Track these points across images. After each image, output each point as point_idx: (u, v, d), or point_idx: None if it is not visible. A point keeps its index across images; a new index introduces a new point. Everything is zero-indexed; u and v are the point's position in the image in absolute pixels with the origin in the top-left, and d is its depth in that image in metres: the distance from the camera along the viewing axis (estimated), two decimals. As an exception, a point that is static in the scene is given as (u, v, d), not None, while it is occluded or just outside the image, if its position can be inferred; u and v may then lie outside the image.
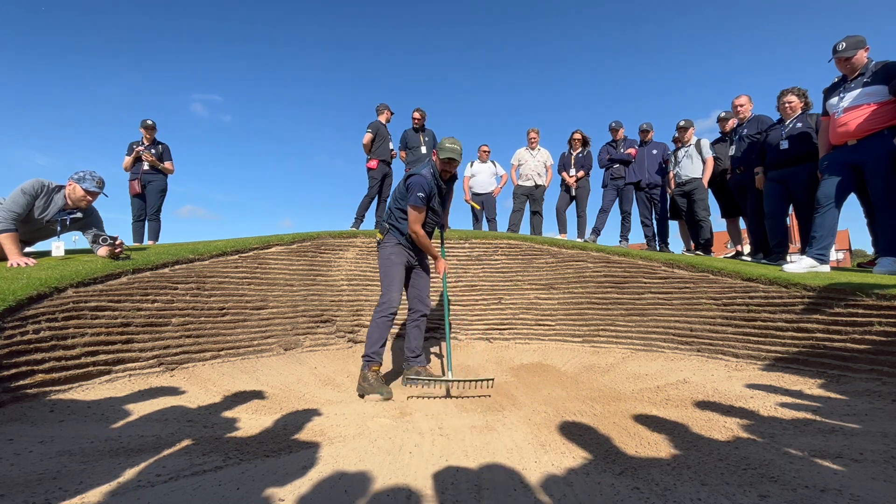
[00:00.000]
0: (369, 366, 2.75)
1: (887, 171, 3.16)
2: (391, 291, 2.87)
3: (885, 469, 1.35)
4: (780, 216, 4.28)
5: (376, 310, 2.85)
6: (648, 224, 5.86)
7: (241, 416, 2.14)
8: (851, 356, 2.33)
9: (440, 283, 4.53)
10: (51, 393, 2.14)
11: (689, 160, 5.34)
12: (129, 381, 2.51)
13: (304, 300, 4.01)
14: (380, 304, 2.86)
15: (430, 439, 1.87)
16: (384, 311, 2.82)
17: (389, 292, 2.87)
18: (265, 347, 3.46)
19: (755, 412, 1.99)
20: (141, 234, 5.74)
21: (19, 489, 1.29)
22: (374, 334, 2.80)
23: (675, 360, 3.09)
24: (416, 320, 3.08)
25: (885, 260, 3.26)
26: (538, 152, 6.68)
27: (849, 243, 39.82)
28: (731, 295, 3.20)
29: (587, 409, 2.27)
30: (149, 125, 5.72)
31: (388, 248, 2.98)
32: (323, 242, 4.76)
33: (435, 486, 1.41)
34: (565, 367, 3.32)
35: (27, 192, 3.17)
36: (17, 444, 1.59)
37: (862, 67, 3.31)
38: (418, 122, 6.28)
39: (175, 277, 3.27)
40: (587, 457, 1.63)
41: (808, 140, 3.98)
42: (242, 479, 1.43)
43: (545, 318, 4.12)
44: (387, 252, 2.98)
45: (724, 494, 1.28)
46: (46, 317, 2.34)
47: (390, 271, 2.92)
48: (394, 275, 2.91)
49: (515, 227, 6.59)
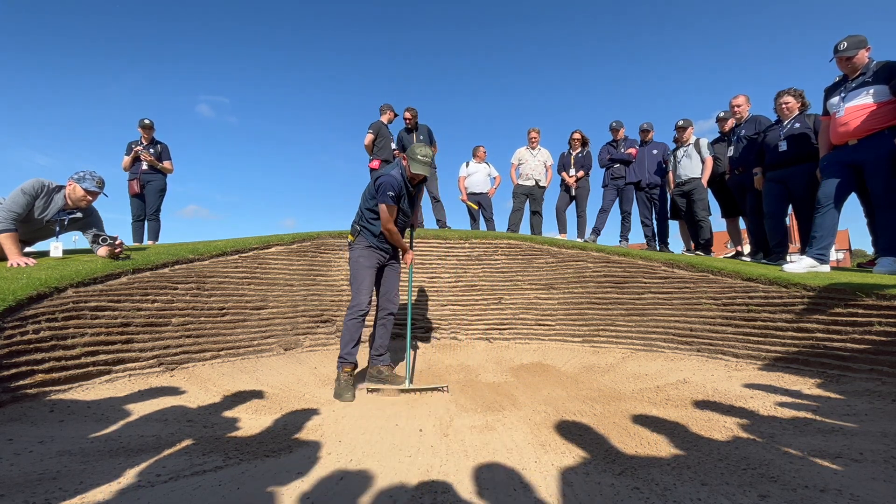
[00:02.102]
0: (342, 367, 2.80)
1: (887, 171, 3.16)
2: (360, 294, 2.91)
3: (885, 469, 1.35)
4: (779, 216, 4.28)
5: (347, 312, 2.90)
6: (648, 224, 5.86)
7: (241, 416, 2.14)
8: (851, 356, 2.33)
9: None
10: (51, 393, 2.14)
11: (688, 160, 5.34)
12: (129, 381, 2.51)
13: (304, 300, 4.01)
14: (350, 307, 2.90)
15: (430, 439, 1.87)
16: (354, 314, 2.86)
17: (359, 295, 2.91)
18: (265, 347, 3.47)
19: (755, 412, 1.99)
20: (140, 234, 5.73)
21: (19, 489, 1.29)
22: (346, 336, 2.84)
23: (675, 360, 3.09)
24: (383, 319, 3.13)
25: (885, 260, 3.25)
26: (538, 152, 6.68)
27: (849, 243, 39.83)
28: (731, 295, 3.20)
29: (587, 409, 2.27)
30: (146, 124, 5.71)
31: (357, 251, 3.02)
32: (323, 242, 4.76)
33: (435, 486, 1.41)
34: (565, 367, 3.32)
35: (27, 192, 3.16)
36: (17, 444, 1.59)
37: (863, 67, 3.31)
38: (410, 122, 6.28)
39: (175, 277, 3.26)
40: (587, 457, 1.63)
41: (806, 140, 3.98)
42: (243, 479, 1.44)
43: (545, 318, 4.12)
44: (356, 254, 3.02)
45: (724, 494, 1.28)
46: (46, 317, 2.34)
47: (359, 274, 2.96)
48: (363, 277, 2.95)
49: (515, 227, 6.59)
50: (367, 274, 2.97)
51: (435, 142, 6.54)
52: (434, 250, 4.96)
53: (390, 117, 6.34)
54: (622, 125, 6.14)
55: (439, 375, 3.32)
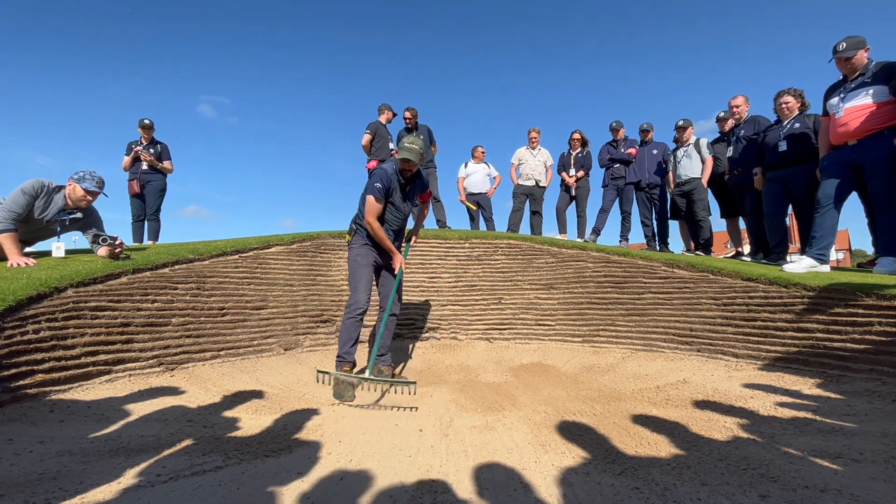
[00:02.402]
0: (340, 366, 2.80)
1: (887, 171, 3.16)
2: (358, 292, 2.90)
3: (885, 469, 1.35)
4: (779, 216, 4.28)
5: (345, 311, 2.89)
6: (648, 224, 5.86)
7: (241, 416, 2.14)
8: (851, 356, 2.33)
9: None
10: (51, 393, 2.14)
11: (688, 160, 5.34)
12: (129, 381, 2.51)
13: (304, 300, 4.01)
14: (348, 306, 2.89)
15: (431, 439, 1.87)
16: (352, 313, 2.84)
17: (357, 293, 2.90)
18: (265, 347, 3.46)
19: (755, 412, 1.99)
20: (140, 234, 5.74)
21: (19, 489, 1.29)
22: (344, 335, 2.84)
23: (675, 360, 3.09)
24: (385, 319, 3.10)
25: (885, 260, 3.26)
26: (538, 152, 6.69)
27: (849, 243, 39.83)
28: (731, 295, 3.20)
29: (587, 409, 2.27)
30: (146, 125, 5.71)
31: (355, 249, 3.02)
32: (323, 242, 4.76)
33: (435, 486, 1.41)
34: (565, 367, 3.32)
35: (27, 192, 3.16)
36: (17, 444, 1.59)
37: (862, 68, 3.31)
38: (410, 122, 6.27)
39: (175, 277, 3.26)
40: (587, 457, 1.63)
41: (806, 140, 3.98)
42: (243, 479, 1.43)
43: (545, 318, 4.12)
44: (354, 253, 3.01)
45: (724, 494, 1.28)
46: (46, 317, 2.34)
47: (357, 272, 2.95)
48: (360, 275, 2.94)
49: (515, 227, 6.59)
50: (364, 272, 2.96)
51: (435, 141, 6.54)
52: (434, 250, 4.96)
53: (389, 117, 6.34)
54: (622, 125, 6.14)
55: (439, 375, 3.32)
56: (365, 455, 1.68)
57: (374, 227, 2.92)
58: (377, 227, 2.93)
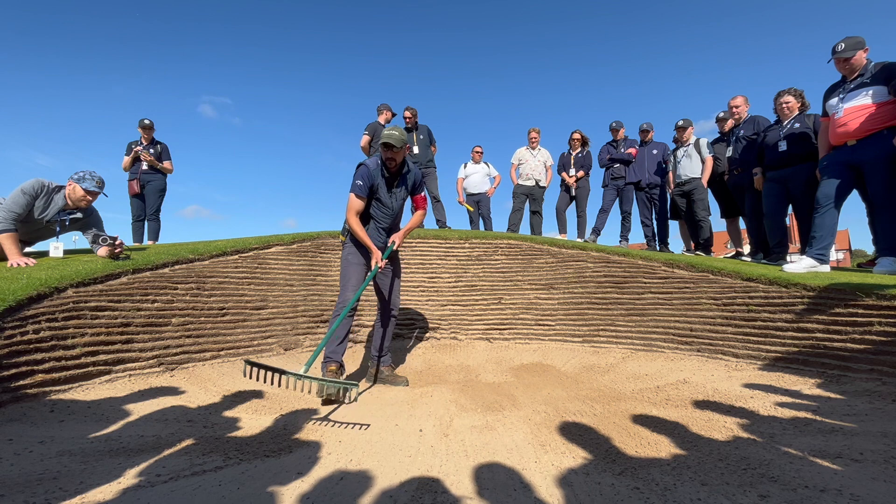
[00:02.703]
0: (326, 367, 2.79)
1: (887, 171, 3.17)
2: (346, 290, 2.89)
3: (885, 469, 1.35)
4: (779, 216, 4.28)
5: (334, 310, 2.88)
6: (648, 224, 5.86)
7: (241, 416, 2.14)
8: (851, 356, 2.33)
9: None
10: (51, 393, 2.14)
11: (688, 160, 5.34)
12: (129, 381, 2.51)
13: (304, 300, 4.01)
14: (336, 304, 2.89)
15: (430, 439, 1.87)
16: (337, 310, 2.84)
17: (345, 291, 2.90)
18: (265, 347, 3.46)
19: (755, 412, 1.99)
20: (140, 234, 5.74)
21: (19, 489, 1.29)
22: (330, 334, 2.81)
23: (675, 360, 3.09)
24: (384, 319, 3.13)
25: (885, 260, 3.26)
26: (539, 152, 6.69)
27: (849, 243, 39.85)
28: (731, 295, 3.20)
29: (587, 409, 2.27)
30: (146, 125, 5.71)
31: (347, 249, 3.02)
32: (323, 242, 4.76)
33: (435, 486, 1.41)
34: (565, 367, 3.32)
35: (27, 192, 3.17)
36: (17, 444, 1.59)
37: (861, 68, 3.31)
38: (410, 122, 6.28)
39: (175, 277, 3.27)
40: (587, 457, 1.63)
41: (806, 140, 3.98)
42: (243, 479, 1.43)
43: (545, 318, 4.12)
44: (345, 253, 3.01)
45: (724, 494, 1.28)
46: (46, 317, 2.34)
47: (347, 271, 2.95)
48: (350, 275, 2.93)
49: (515, 227, 6.60)
50: (355, 271, 2.95)
51: (435, 141, 6.54)
52: (434, 250, 4.96)
53: (388, 117, 6.34)
54: (622, 125, 6.15)
55: (439, 375, 3.32)
56: (365, 455, 1.68)
57: (352, 224, 2.86)
58: (355, 224, 2.86)
